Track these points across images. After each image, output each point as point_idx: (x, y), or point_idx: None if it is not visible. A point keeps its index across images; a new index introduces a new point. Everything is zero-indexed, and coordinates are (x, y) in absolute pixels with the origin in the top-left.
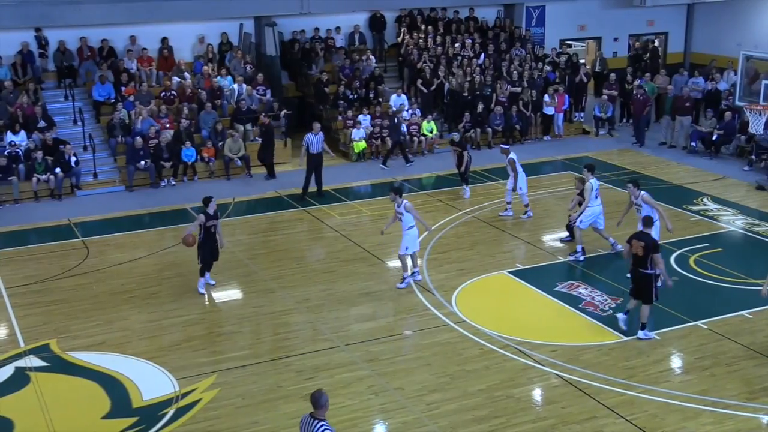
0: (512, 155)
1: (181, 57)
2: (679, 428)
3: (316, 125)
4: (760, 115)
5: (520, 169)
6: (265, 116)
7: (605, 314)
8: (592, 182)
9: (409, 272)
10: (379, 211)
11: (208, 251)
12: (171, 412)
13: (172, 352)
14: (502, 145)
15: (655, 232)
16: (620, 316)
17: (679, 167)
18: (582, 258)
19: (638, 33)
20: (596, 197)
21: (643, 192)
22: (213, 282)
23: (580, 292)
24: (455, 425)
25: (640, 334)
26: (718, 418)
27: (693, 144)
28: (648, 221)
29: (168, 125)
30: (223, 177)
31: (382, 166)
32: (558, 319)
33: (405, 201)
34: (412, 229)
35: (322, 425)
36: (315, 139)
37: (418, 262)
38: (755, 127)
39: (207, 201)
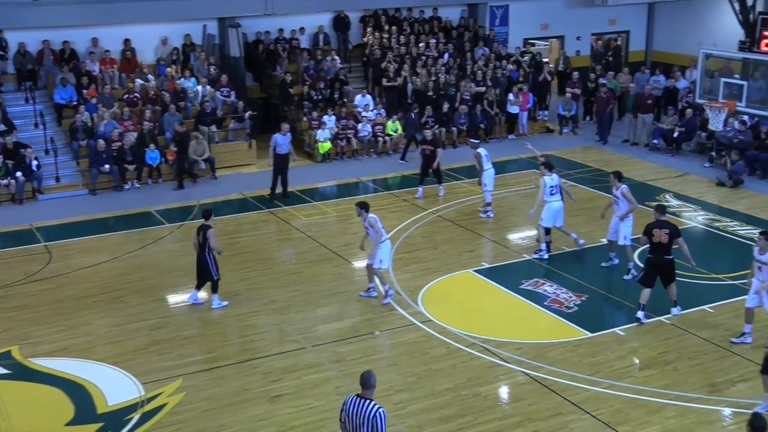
0: (480, 150)
1: (144, 59)
2: (643, 422)
3: (285, 126)
4: (719, 112)
5: (488, 166)
6: (181, 124)
7: (570, 311)
8: (547, 179)
9: (381, 286)
10: (345, 211)
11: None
12: (136, 416)
13: (138, 356)
14: (470, 140)
15: (627, 227)
16: (640, 314)
17: (641, 164)
18: (546, 256)
19: (601, 32)
20: (552, 194)
21: (623, 185)
22: (202, 301)
23: (546, 290)
24: (422, 424)
25: (674, 311)
26: (681, 411)
27: (655, 141)
28: (662, 209)
29: (131, 128)
30: (188, 179)
31: (402, 161)
32: (524, 316)
33: (370, 215)
34: (386, 242)
35: (375, 405)
36: (282, 140)
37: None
38: (715, 124)
39: (208, 215)
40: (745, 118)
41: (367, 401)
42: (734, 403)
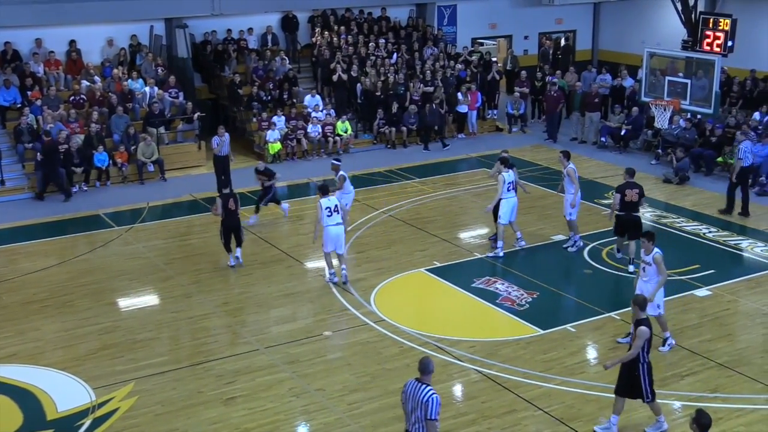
0: (342, 172)
1: (90, 60)
2: (595, 418)
3: (221, 129)
4: (665, 110)
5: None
6: (43, 134)
7: (522, 309)
8: (505, 175)
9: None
10: (296, 212)
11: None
12: (87, 422)
13: (88, 361)
14: (332, 160)
15: (568, 206)
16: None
17: (589, 162)
18: (502, 254)
19: (548, 31)
20: (508, 190)
21: (570, 165)
22: (234, 262)
23: (497, 288)
24: (377, 424)
25: (631, 267)
26: (633, 405)
27: (602, 139)
28: (632, 172)
29: (78, 130)
30: (137, 181)
31: (445, 146)
32: (476, 315)
33: (320, 200)
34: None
35: (429, 390)
36: (220, 142)
37: (337, 262)
38: (661, 122)
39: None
40: (690, 115)
41: (424, 386)
42: (683, 397)
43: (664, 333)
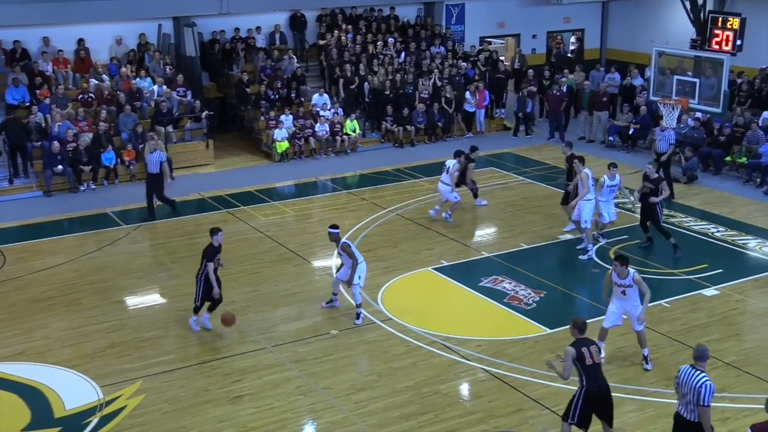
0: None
1: (98, 59)
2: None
3: (150, 144)
4: (673, 109)
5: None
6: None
7: (529, 308)
8: (607, 178)
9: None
10: (303, 211)
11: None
12: (95, 420)
13: (96, 359)
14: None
15: (587, 211)
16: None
17: (597, 161)
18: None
19: (556, 30)
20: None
21: (585, 170)
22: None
23: (505, 287)
24: (383, 423)
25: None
26: (640, 405)
27: (611, 138)
28: (570, 144)
29: (86, 128)
30: (145, 180)
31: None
32: (483, 314)
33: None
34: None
35: (704, 376)
36: (149, 158)
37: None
38: (669, 121)
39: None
40: (698, 114)
41: (698, 372)
42: None
43: (643, 350)
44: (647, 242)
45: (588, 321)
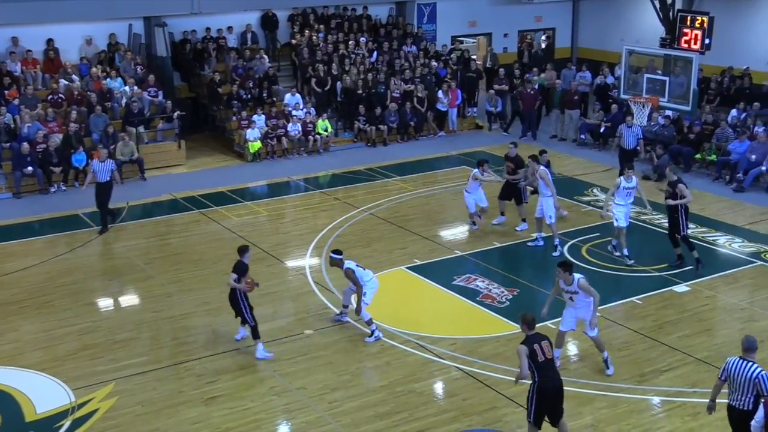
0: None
1: (68, 59)
2: (575, 413)
3: (103, 152)
4: (643, 107)
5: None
6: None
7: (502, 306)
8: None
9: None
10: (276, 211)
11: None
12: (67, 424)
13: (68, 361)
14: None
15: (549, 207)
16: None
17: (569, 159)
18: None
19: (527, 29)
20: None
21: (540, 167)
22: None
23: (478, 285)
24: (358, 422)
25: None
26: (613, 401)
27: (582, 136)
28: (515, 144)
29: (56, 129)
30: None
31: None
32: (456, 312)
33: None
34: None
35: (756, 367)
36: (100, 167)
37: (318, 261)
38: (639, 119)
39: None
40: (668, 112)
41: (750, 363)
42: (662, 392)
43: (602, 353)
44: (678, 261)
45: (560, 319)
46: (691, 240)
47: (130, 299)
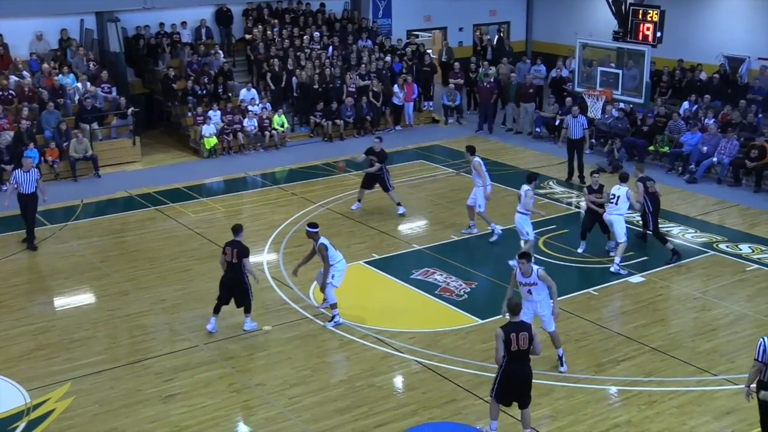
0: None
1: (18, 54)
2: (534, 405)
3: (28, 161)
4: (597, 100)
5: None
6: None
7: (461, 299)
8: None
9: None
10: (233, 207)
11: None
12: (22, 425)
13: (22, 362)
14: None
15: (480, 197)
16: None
17: (525, 152)
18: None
19: (482, 23)
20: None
21: (476, 158)
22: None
23: (436, 279)
24: (318, 417)
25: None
26: (570, 392)
27: (537, 129)
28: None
29: (7, 126)
30: (70, 179)
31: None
32: (415, 306)
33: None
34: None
35: None
36: (24, 178)
37: (276, 257)
38: (594, 111)
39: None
40: (622, 105)
41: None
42: (619, 382)
43: (558, 350)
44: (673, 257)
45: None
46: (661, 233)
47: (85, 298)
